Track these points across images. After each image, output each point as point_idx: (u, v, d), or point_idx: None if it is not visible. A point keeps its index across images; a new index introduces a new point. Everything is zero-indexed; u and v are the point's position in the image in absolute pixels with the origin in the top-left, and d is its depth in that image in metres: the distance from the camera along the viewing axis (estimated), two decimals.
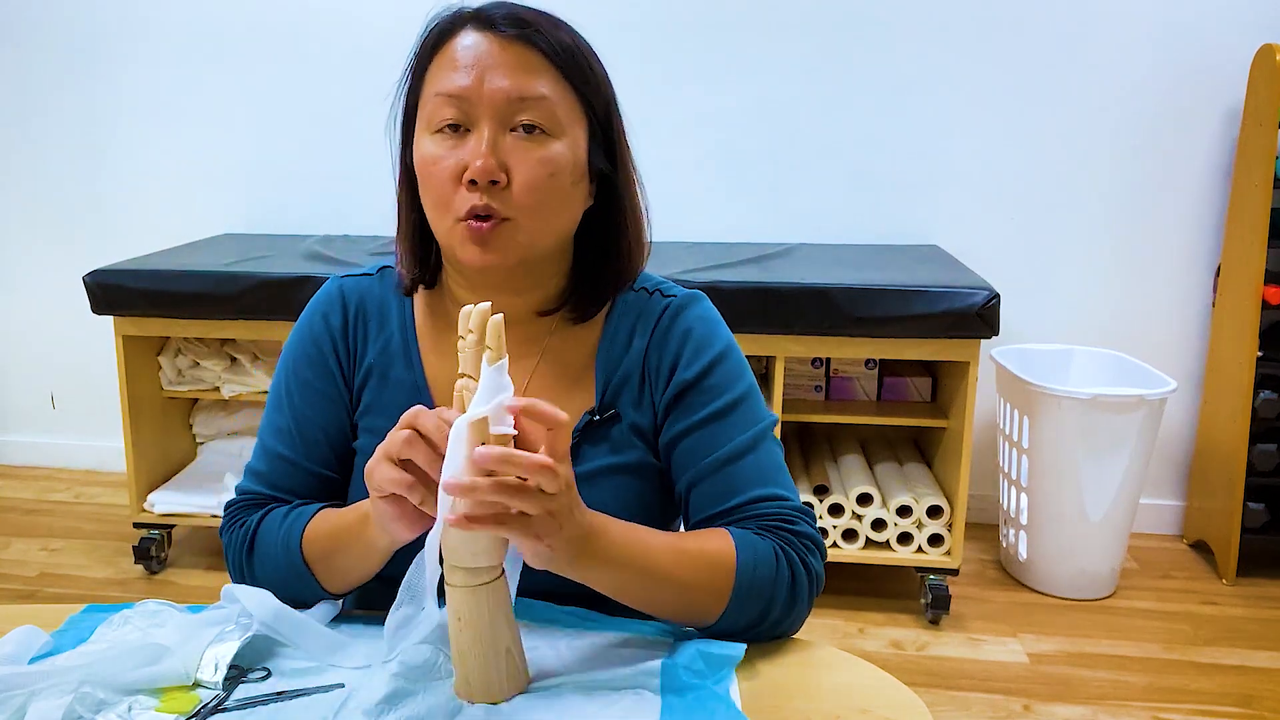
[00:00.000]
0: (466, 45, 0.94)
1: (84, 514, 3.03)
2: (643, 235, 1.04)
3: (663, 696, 0.82)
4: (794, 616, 0.95)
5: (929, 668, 2.23)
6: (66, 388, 3.33)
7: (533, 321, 1.04)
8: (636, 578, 0.88)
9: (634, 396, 1.02)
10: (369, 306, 1.08)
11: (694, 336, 1.02)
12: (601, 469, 1.00)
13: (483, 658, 0.81)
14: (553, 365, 1.04)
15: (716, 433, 1.00)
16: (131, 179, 3.12)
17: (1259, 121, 2.51)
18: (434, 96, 0.94)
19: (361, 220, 3.02)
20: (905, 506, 2.41)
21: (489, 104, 0.92)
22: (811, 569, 0.95)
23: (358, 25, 2.93)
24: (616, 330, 1.04)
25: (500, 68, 0.92)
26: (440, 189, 0.94)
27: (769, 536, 0.95)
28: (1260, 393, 2.54)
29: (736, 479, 0.98)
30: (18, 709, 0.80)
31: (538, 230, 0.95)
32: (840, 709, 0.84)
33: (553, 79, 0.93)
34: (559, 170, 0.94)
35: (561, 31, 0.96)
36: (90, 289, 2.44)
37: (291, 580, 0.98)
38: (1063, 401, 2.39)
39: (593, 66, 0.97)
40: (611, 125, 1.00)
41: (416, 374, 1.04)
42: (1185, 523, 2.91)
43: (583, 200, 0.99)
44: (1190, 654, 2.30)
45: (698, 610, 0.91)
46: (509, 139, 0.92)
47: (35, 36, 3.06)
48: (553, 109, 0.93)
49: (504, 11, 0.94)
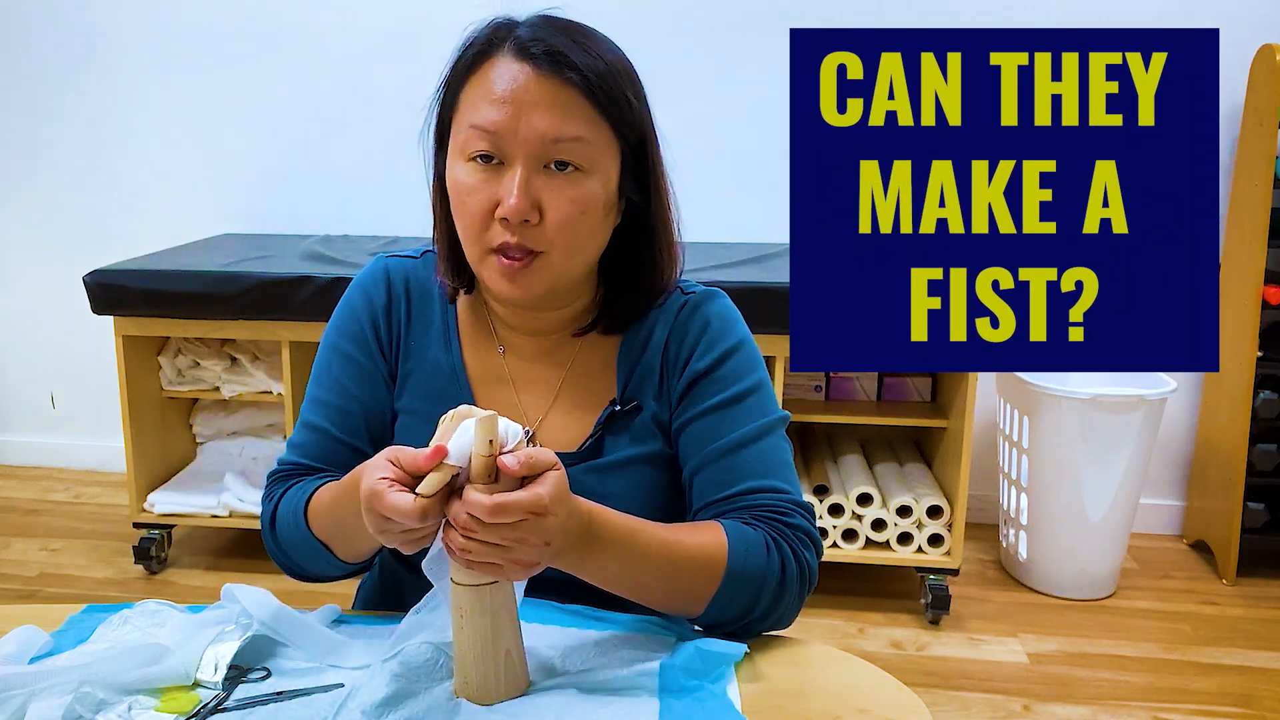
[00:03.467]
0: (503, 76, 0.93)
1: (84, 514, 3.03)
2: (675, 251, 1.06)
3: (660, 698, 0.82)
4: (783, 608, 0.95)
5: (929, 668, 2.23)
6: (66, 388, 3.33)
7: (563, 336, 1.06)
8: (627, 569, 0.89)
9: (654, 389, 1.04)
10: (412, 287, 1.10)
11: (710, 329, 1.04)
12: (623, 460, 1.02)
13: (482, 658, 0.81)
14: (579, 366, 1.06)
15: (722, 421, 1.00)
16: (131, 179, 3.12)
17: (1259, 121, 2.51)
18: (468, 126, 0.94)
19: (361, 220, 3.02)
20: (905, 506, 2.41)
21: (524, 143, 0.92)
22: (804, 562, 0.96)
23: (358, 26, 2.93)
24: (639, 326, 1.06)
25: (537, 106, 0.92)
26: (472, 220, 0.95)
27: (760, 527, 0.95)
28: (1260, 393, 2.54)
29: (737, 468, 0.99)
30: (18, 709, 0.80)
31: (567, 262, 0.97)
32: (840, 709, 0.84)
33: (587, 116, 0.93)
34: (590, 208, 0.95)
35: (599, 59, 0.94)
36: (90, 289, 2.44)
37: (307, 553, 1.00)
38: (1063, 401, 2.39)
39: (628, 95, 0.96)
40: (645, 152, 1.00)
41: (455, 358, 1.07)
42: (1185, 523, 2.91)
43: (611, 225, 1.01)
44: (1190, 654, 2.30)
45: (687, 599, 0.92)
46: (542, 176, 0.93)
47: (36, 37, 3.06)
48: (587, 149, 0.93)
49: (543, 43, 0.93)
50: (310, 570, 1.04)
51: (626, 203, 1.01)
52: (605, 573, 0.88)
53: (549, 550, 0.80)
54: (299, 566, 1.05)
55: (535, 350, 1.07)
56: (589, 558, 0.86)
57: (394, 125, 3.01)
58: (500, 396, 1.06)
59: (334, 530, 0.97)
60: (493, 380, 1.07)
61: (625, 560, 0.88)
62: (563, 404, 1.05)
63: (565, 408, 1.05)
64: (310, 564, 1.02)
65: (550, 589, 0.95)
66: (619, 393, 1.04)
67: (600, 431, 1.03)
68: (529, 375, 1.07)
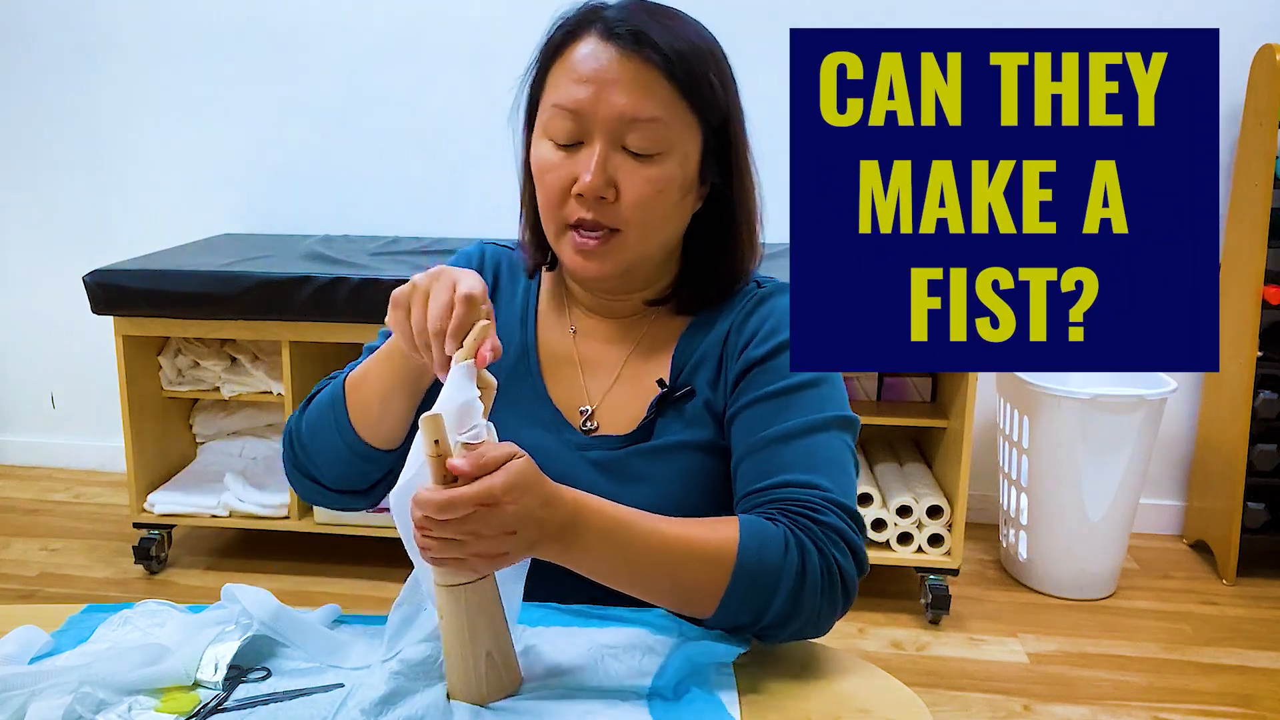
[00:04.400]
0: (586, 56, 0.95)
1: (84, 514, 3.03)
2: (755, 239, 1.06)
3: (651, 703, 0.82)
4: (806, 612, 0.88)
5: (929, 668, 2.23)
6: (66, 388, 3.33)
7: (639, 311, 1.08)
8: (623, 562, 0.87)
9: (711, 376, 1.04)
10: (502, 271, 1.14)
11: (773, 319, 1.03)
12: (672, 445, 1.02)
13: (460, 658, 0.81)
14: (643, 348, 1.07)
15: (772, 412, 0.98)
16: (131, 179, 3.12)
17: (1259, 121, 2.51)
18: (551, 105, 0.96)
19: (361, 220, 3.02)
20: (905, 506, 2.41)
21: (603, 121, 0.94)
22: (831, 561, 0.89)
23: (358, 25, 2.93)
24: (708, 313, 1.07)
25: (617, 84, 0.93)
26: (551, 196, 0.97)
27: (783, 522, 0.90)
28: (1260, 393, 2.54)
29: (778, 460, 0.95)
30: (18, 709, 0.80)
31: (643, 241, 0.98)
32: (840, 709, 0.84)
33: (668, 96, 0.95)
34: (667, 188, 0.96)
35: (683, 40, 0.95)
36: (90, 289, 2.44)
37: (328, 424, 0.99)
38: (1063, 401, 2.39)
39: (711, 77, 0.97)
40: (728, 136, 1.00)
41: (529, 336, 1.09)
42: (1185, 523, 2.91)
43: (691, 207, 1.02)
44: (1190, 654, 2.30)
45: (695, 597, 0.88)
46: (619, 155, 0.95)
47: (36, 37, 3.06)
48: (665, 130, 0.95)
49: (627, 21, 0.94)
50: (318, 455, 1.01)
51: (710, 188, 1.02)
52: (601, 566, 0.87)
53: (517, 540, 0.79)
54: (310, 456, 1.02)
55: (606, 333, 1.08)
56: (576, 548, 0.84)
57: (394, 125, 3.03)
58: (567, 376, 1.07)
59: (361, 382, 0.98)
60: (562, 361, 1.08)
61: (619, 552, 0.86)
62: (623, 385, 1.06)
63: (625, 389, 1.06)
64: (322, 446, 1.00)
65: (555, 587, 0.94)
66: (671, 377, 1.04)
67: (653, 415, 1.03)
68: (597, 357, 1.08)
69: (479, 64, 2.88)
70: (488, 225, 2.93)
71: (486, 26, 2.86)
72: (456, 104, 2.92)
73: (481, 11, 2.86)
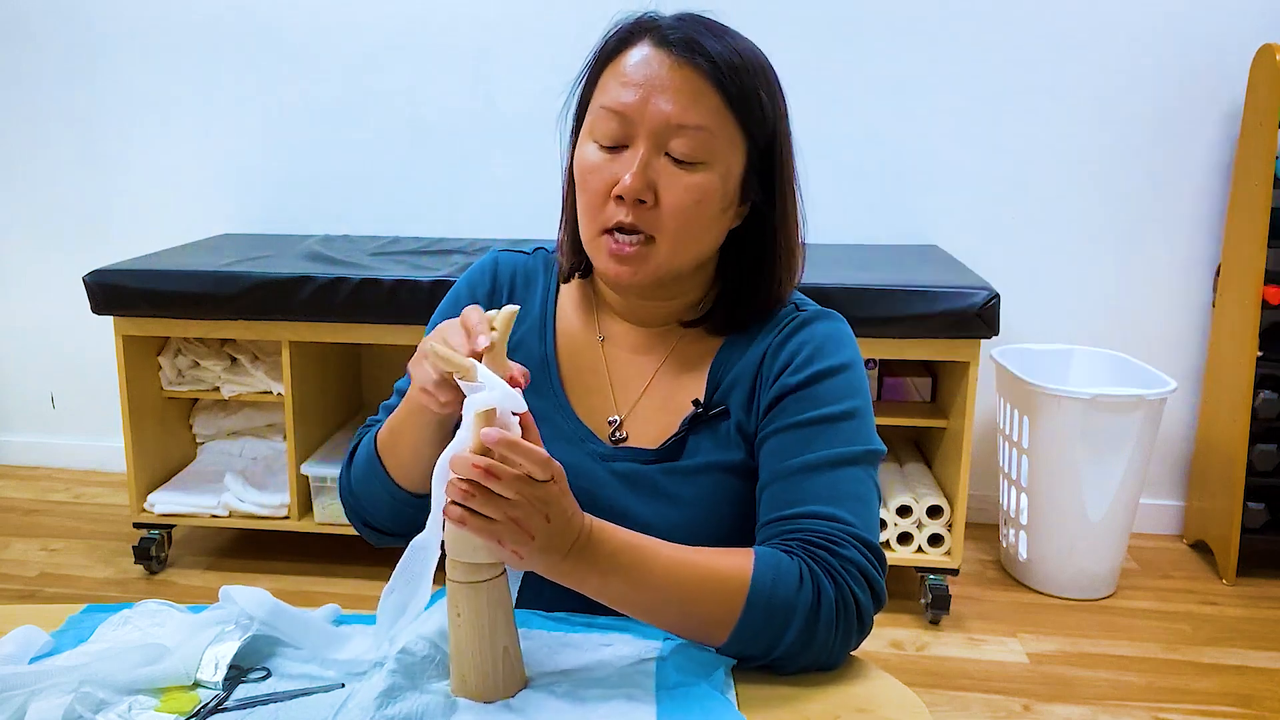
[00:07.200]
0: (637, 61, 0.95)
1: (84, 514, 3.03)
2: (794, 262, 1.04)
3: (657, 694, 0.83)
4: (819, 645, 0.88)
5: (929, 668, 2.23)
6: (66, 388, 3.33)
7: (666, 330, 1.07)
8: (633, 587, 0.87)
9: (744, 398, 1.03)
10: (517, 280, 1.13)
11: (811, 346, 1.01)
12: (703, 465, 1.01)
13: (480, 655, 0.81)
14: (675, 362, 1.06)
15: (803, 440, 0.97)
16: (131, 179, 3.12)
17: (1259, 121, 2.51)
18: (599, 108, 0.97)
19: (361, 220, 3.02)
20: (905, 506, 2.41)
21: (648, 125, 0.94)
22: (848, 595, 0.89)
23: (358, 26, 2.93)
24: (743, 334, 1.05)
25: (666, 90, 0.93)
26: (591, 198, 0.97)
27: (800, 555, 0.90)
28: (1260, 393, 2.54)
29: (803, 490, 0.95)
30: (18, 709, 0.80)
31: (676, 252, 0.97)
32: (840, 709, 0.84)
33: (715, 107, 0.94)
34: (706, 198, 0.96)
35: (735, 52, 0.95)
36: (90, 289, 2.44)
37: (370, 476, 1.03)
38: (1063, 401, 2.39)
39: (760, 92, 0.97)
40: (773, 154, 1.00)
41: (548, 348, 1.08)
42: (1185, 523, 2.91)
43: (729, 223, 1.01)
44: (1190, 654, 2.30)
45: (706, 626, 0.88)
46: (662, 161, 0.95)
47: (35, 36, 3.06)
48: (709, 139, 0.94)
49: (681, 31, 0.95)
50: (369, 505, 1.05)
51: (751, 208, 1.01)
52: (611, 590, 0.86)
53: (546, 529, 0.80)
54: (362, 506, 1.07)
55: (635, 341, 1.07)
56: (585, 567, 0.84)
57: (394, 125, 3.03)
58: (592, 385, 1.07)
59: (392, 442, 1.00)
60: (586, 370, 1.08)
61: (630, 576, 0.86)
62: (653, 399, 1.05)
63: (655, 403, 1.05)
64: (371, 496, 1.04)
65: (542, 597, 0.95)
66: (707, 396, 1.03)
67: (684, 433, 1.02)
68: (625, 366, 1.07)
69: (479, 64, 2.89)
70: (488, 225, 2.93)
71: (486, 26, 2.86)
72: (456, 104, 2.92)
73: (481, 11, 2.86)
